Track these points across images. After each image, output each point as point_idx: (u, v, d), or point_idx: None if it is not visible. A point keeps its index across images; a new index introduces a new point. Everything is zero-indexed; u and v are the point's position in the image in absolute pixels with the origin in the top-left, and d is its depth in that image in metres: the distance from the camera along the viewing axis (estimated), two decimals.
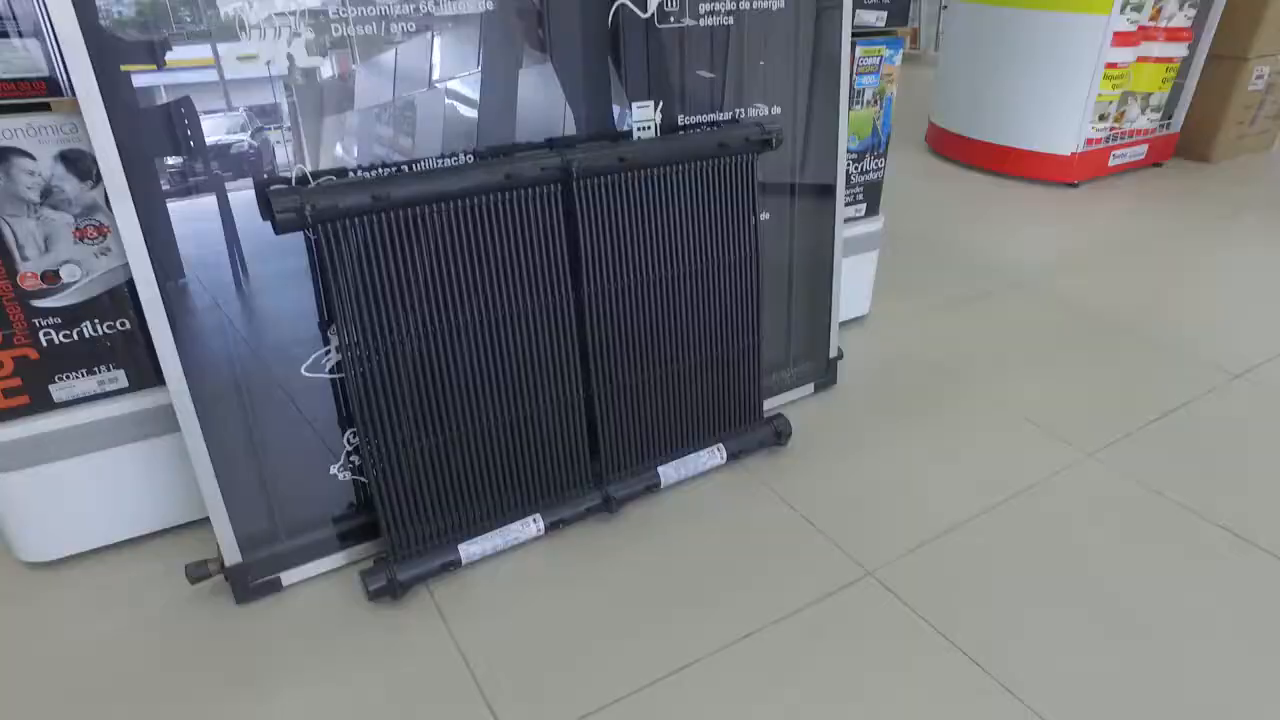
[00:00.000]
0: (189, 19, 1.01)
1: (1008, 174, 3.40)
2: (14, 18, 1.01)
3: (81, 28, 0.95)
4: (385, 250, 1.10)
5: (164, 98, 1.03)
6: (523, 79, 1.22)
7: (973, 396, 1.79)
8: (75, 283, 1.16)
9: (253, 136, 1.09)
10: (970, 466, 1.55)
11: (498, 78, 1.21)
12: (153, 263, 1.05)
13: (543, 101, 1.25)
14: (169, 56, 1.01)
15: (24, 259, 1.12)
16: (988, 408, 1.75)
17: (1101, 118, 3.24)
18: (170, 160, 1.05)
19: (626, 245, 1.29)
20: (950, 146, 3.60)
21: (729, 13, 1.35)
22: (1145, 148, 3.51)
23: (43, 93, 1.06)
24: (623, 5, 1.25)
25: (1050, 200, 3.17)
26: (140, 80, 1.00)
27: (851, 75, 1.66)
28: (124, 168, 1.00)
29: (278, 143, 1.09)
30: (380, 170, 1.14)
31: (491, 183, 1.14)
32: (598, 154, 1.21)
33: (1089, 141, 3.24)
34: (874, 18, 1.74)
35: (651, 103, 1.32)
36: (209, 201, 1.08)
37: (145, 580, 1.29)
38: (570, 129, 1.28)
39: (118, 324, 1.20)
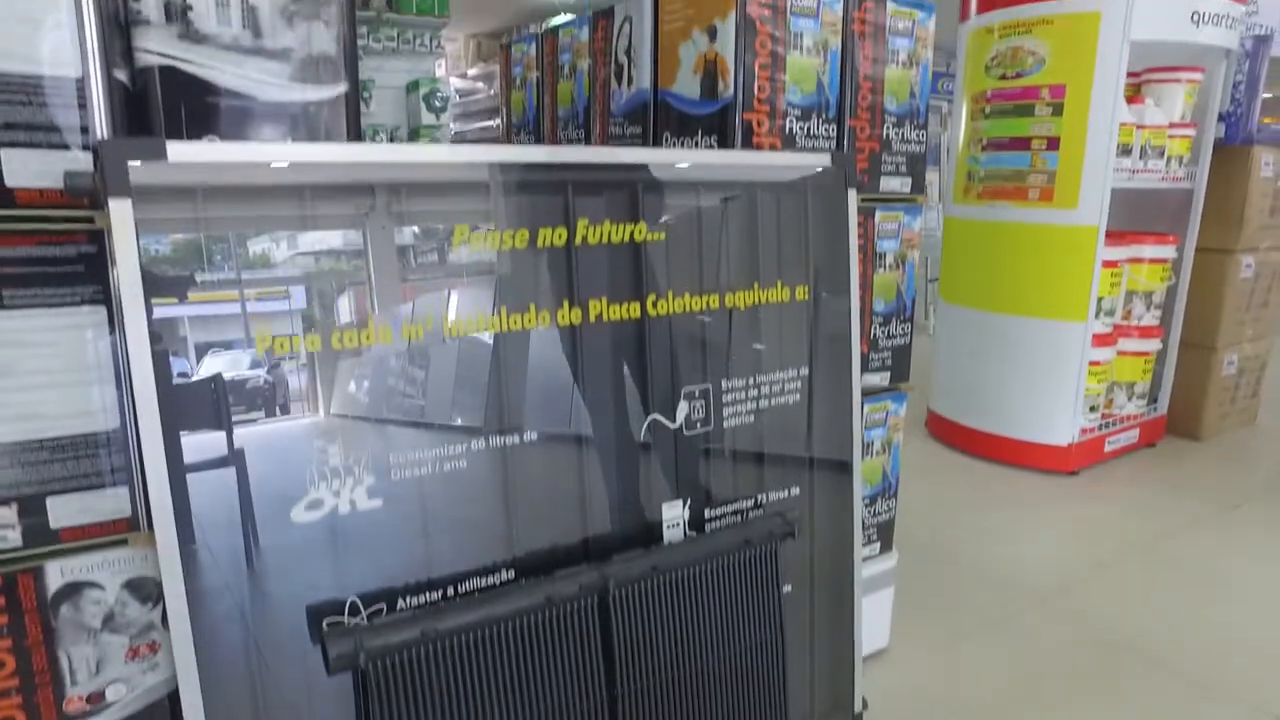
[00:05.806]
0: (219, 258, 1.06)
1: (1008, 462, 3.50)
2: (110, 466, 1.12)
3: (169, 468, 1.05)
4: (430, 675, 1.13)
5: (186, 328, 1.04)
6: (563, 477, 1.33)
7: None
8: (118, 701, 1.18)
9: (269, 372, 1.10)
10: None
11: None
12: None
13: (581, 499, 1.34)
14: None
15: (73, 684, 1.15)
16: None
17: (1092, 409, 3.41)
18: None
19: (658, 642, 1.32)
20: (950, 434, 3.75)
21: (750, 412, 1.49)
22: (1137, 431, 3.65)
23: (124, 530, 1.15)
24: (654, 419, 1.38)
25: (1052, 491, 3.25)
26: (159, 312, 0.99)
27: (861, 430, 1.78)
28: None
29: (291, 372, 1.10)
30: (428, 594, 1.20)
31: (532, 605, 1.20)
32: (632, 565, 1.28)
33: (1083, 431, 3.38)
34: (878, 377, 1.91)
35: (680, 501, 1.42)
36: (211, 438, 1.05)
37: None
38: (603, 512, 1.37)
39: None
